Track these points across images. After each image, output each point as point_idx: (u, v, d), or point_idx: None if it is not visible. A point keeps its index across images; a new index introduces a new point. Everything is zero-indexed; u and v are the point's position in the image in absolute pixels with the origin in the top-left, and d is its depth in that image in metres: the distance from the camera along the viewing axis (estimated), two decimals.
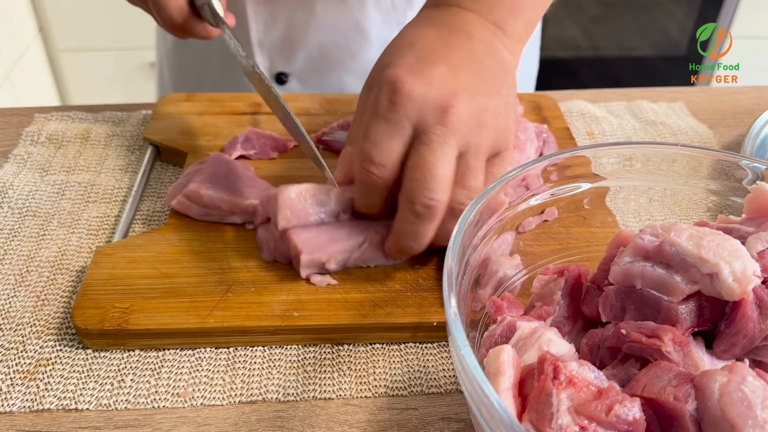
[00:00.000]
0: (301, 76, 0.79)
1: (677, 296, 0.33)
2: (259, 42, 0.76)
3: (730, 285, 0.31)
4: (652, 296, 0.34)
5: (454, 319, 0.30)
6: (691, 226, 0.35)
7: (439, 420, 0.40)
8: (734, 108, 0.71)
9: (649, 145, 0.43)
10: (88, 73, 1.81)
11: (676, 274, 0.33)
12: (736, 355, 0.33)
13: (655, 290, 0.34)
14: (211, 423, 0.40)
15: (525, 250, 0.44)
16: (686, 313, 0.33)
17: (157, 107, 0.65)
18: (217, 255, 0.49)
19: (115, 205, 0.56)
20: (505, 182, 0.38)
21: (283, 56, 0.77)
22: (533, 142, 0.56)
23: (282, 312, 0.44)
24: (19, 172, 0.58)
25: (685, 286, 0.33)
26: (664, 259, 0.34)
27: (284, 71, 0.79)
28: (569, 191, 0.42)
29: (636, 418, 0.28)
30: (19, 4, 1.65)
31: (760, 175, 0.39)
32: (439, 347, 0.45)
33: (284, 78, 0.79)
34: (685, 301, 0.33)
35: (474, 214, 0.36)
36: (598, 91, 0.74)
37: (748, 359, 0.32)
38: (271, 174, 0.57)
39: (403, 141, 0.44)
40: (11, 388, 0.41)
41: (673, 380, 0.29)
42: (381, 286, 0.46)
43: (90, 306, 0.44)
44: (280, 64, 0.78)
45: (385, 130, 0.44)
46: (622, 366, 0.33)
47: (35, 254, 0.51)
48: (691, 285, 0.33)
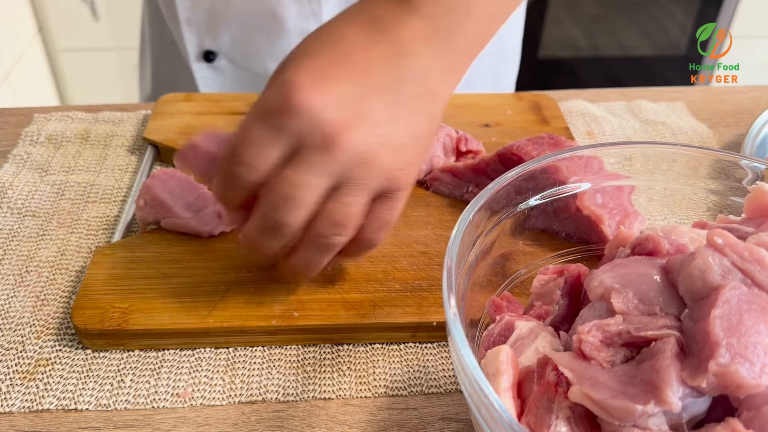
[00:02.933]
0: (229, 55, 0.80)
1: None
2: (187, 19, 0.78)
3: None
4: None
5: (453, 319, 0.30)
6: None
7: (438, 420, 0.40)
8: (734, 108, 0.71)
9: (649, 145, 0.43)
10: (87, 73, 1.81)
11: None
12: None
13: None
14: (210, 423, 0.40)
15: (525, 249, 0.44)
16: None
17: (156, 107, 0.65)
18: (217, 255, 0.49)
19: (115, 205, 0.56)
20: (506, 182, 0.38)
21: (209, 34, 0.79)
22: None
23: (282, 312, 0.44)
24: (18, 173, 0.58)
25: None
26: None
27: (211, 49, 0.80)
28: (569, 191, 0.42)
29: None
30: (19, 4, 1.65)
31: (760, 175, 0.39)
32: (438, 347, 0.45)
33: (212, 57, 0.80)
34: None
35: (474, 214, 0.36)
36: (598, 91, 0.74)
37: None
38: None
39: (280, 151, 0.39)
40: (11, 389, 0.41)
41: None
42: (380, 286, 0.46)
43: (89, 306, 0.44)
44: (207, 42, 0.79)
45: (264, 134, 0.39)
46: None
47: (35, 254, 0.51)
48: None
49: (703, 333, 0.27)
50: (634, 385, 0.27)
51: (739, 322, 0.27)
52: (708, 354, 0.27)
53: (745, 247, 0.30)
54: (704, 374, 0.26)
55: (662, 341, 0.28)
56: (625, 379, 0.28)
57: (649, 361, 0.28)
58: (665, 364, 0.27)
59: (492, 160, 0.54)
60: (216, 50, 0.80)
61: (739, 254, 0.29)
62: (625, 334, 0.29)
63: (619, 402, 0.27)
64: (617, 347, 0.30)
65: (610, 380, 0.28)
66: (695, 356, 0.28)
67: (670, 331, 0.29)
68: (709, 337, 0.27)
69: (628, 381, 0.28)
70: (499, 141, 0.61)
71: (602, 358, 0.29)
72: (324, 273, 0.47)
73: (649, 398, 0.26)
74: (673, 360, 0.27)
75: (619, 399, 0.27)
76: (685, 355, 0.28)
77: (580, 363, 0.29)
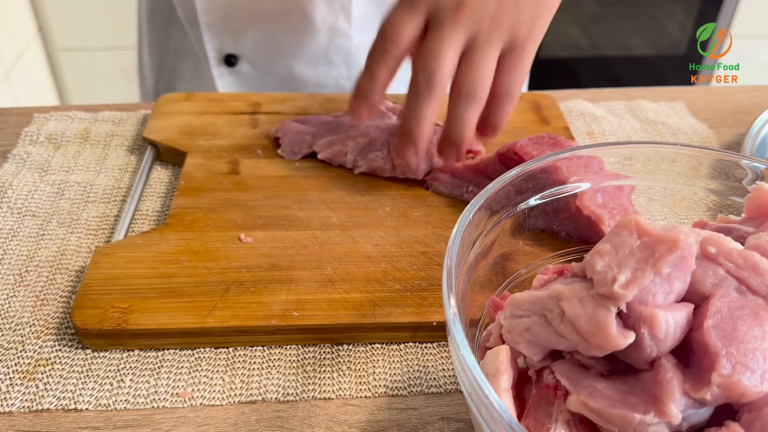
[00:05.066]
0: (251, 59, 0.80)
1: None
2: (207, 23, 0.77)
3: None
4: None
5: (453, 319, 0.30)
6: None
7: (438, 420, 0.40)
8: (734, 108, 0.71)
9: (649, 145, 0.42)
10: (87, 73, 1.81)
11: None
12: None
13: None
14: (210, 423, 0.40)
15: (525, 249, 0.44)
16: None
17: (156, 107, 0.65)
18: (217, 255, 0.49)
19: (115, 205, 0.56)
20: (506, 182, 0.38)
21: (230, 38, 0.78)
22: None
23: (281, 312, 0.44)
24: (18, 172, 0.58)
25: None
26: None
27: (233, 53, 0.79)
28: (569, 191, 0.42)
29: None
30: (19, 4, 1.65)
31: (760, 174, 0.39)
32: (438, 347, 0.45)
33: (234, 60, 0.79)
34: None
35: (474, 214, 0.36)
36: (598, 91, 0.74)
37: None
38: (273, 174, 0.57)
39: (416, 24, 0.49)
40: (10, 388, 0.41)
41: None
42: (380, 286, 0.46)
43: (89, 306, 0.44)
44: (228, 46, 0.79)
45: (401, 13, 0.50)
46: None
47: (34, 254, 0.50)
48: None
49: (700, 344, 0.27)
50: (634, 395, 0.27)
51: (734, 329, 0.27)
52: (709, 365, 0.27)
53: (739, 254, 0.30)
54: (708, 386, 0.26)
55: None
56: (625, 388, 0.28)
57: (648, 372, 0.28)
58: (667, 376, 0.27)
59: (491, 160, 0.54)
60: (238, 54, 0.79)
61: (734, 262, 0.29)
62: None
63: (617, 411, 0.27)
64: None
65: (608, 389, 0.28)
66: (695, 367, 0.27)
67: None
68: (708, 348, 0.27)
69: (628, 390, 0.28)
70: (499, 140, 0.61)
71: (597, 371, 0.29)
72: (324, 273, 0.47)
73: (649, 409, 0.26)
74: (674, 372, 0.27)
75: (617, 408, 0.27)
76: (684, 366, 0.28)
77: (578, 371, 0.29)
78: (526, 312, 0.31)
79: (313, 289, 0.46)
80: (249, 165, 0.58)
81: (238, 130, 0.62)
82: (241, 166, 0.58)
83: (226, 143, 0.60)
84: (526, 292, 0.32)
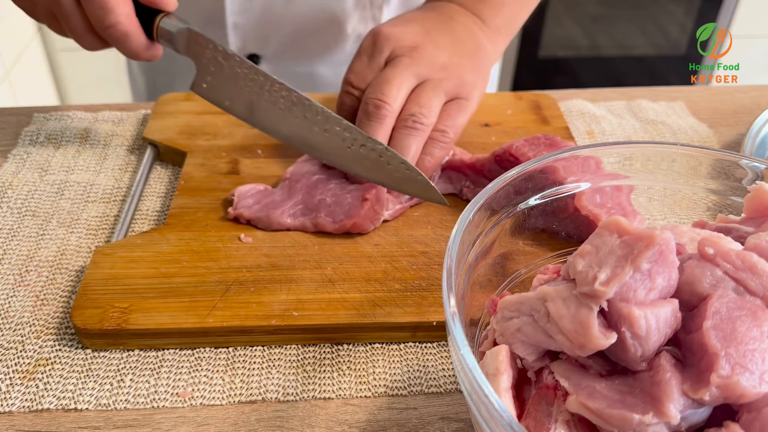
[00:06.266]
0: (273, 59, 0.80)
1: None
2: (234, 24, 0.77)
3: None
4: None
5: (453, 318, 0.30)
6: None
7: (438, 420, 0.40)
8: (734, 107, 0.71)
9: (649, 145, 0.42)
10: (87, 73, 1.81)
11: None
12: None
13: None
14: (210, 423, 0.40)
15: (525, 249, 0.44)
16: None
17: (156, 107, 0.65)
18: (217, 255, 0.49)
19: (115, 205, 0.56)
20: (505, 182, 0.38)
21: (256, 39, 0.78)
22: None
23: (281, 312, 0.44)
24: (18, 172, 0.58)
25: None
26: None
27: (256, 53, 0.79)
28: (568, 191, 0.42)
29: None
30: None
31: (760, 174, 0.39)
32: (438, 347, 0.45)
33: (255, 60, 0.79)
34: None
35: (474, 214, 0.36)
36: (598, 91, 0.74)
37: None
38: (273, 174, 0.57)
39: (377, 70, 0.55)
40: (10, 388, 0.41)
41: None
42: (380, 286, 0.46)
43: (89, 306, 0.44)
44: (252, 46, 0.79)
45: (364, 62, 0.56)
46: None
47: (34, 254, 0.51)
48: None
49: (699, 345, 0.27)
50: (633, 395, 0.27)
51: (732, 330, 0.27)
52: (708, 366, 0.27)
53: (737, 255, 0.30)
54: (707, 387, 0.26)
55: (658, 353, 0.29)
56: (624, 388, 0.28)
57: (647, 373, 0.28)
58: (666, 377, 0.27)
59: (488, 161, 0.54)
60: (260, 54, 0.79)
61: (731, 263, 0.29)
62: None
63: (616, 411, 0.27)
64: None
65: (607, 389, 0.28)
66: (694, 367, 0.28)
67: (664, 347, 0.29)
68: (707, 349, 0.27)
69: (627, 391, 0.28)
70: (498, 141, 0.61)
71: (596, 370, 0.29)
72: (324, 273, 0.47)
73: (648, 409, 0.26)
74: (673, 372, 0.27)
75: (616, 408, 0.27)
76: (683, 366, 0.28)
77: (577, 371, 0.29)
78: (516, 313, 0.31)
79: (313, 289, 0.46)
80: (249, 165, 0.58)
81: (238, 130, 0.62)
82: (241, 166, 0.58)
83: (226, 143, 0.60)
84: (516, 294, 0.32)
